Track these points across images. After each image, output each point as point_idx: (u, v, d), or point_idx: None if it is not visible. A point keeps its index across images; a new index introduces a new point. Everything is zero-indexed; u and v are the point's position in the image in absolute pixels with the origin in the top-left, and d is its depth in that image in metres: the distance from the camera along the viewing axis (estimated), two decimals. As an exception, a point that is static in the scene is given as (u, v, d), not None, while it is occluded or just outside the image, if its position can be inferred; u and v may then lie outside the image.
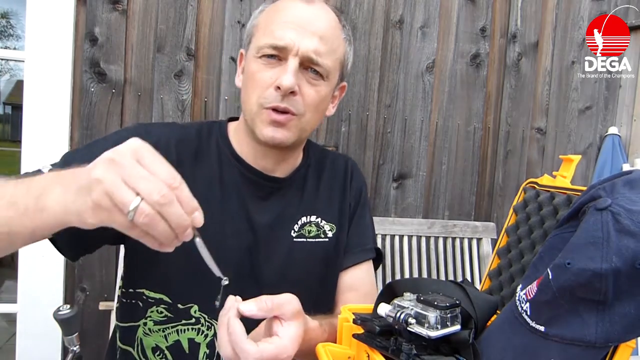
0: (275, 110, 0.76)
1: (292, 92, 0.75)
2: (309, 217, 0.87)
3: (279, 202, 0.85)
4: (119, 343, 0.84)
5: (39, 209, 0.50)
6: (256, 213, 0.82)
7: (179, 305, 0.78)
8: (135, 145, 0.47)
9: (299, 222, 0.86)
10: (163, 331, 0.79)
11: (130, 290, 0.81)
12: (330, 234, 0.88)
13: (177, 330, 0.79)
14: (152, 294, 0.79)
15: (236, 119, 0.90)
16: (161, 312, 0.79)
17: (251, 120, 0.79)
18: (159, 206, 0.43)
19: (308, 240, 0.86)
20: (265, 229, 0.82)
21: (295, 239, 0.85)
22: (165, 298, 0.78)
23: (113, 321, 1.25)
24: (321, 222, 0.88)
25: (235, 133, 0.86)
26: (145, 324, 0.80)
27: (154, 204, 0.43)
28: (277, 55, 0.76)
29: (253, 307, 0.56)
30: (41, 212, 0.50)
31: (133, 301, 0.80)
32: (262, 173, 0.83)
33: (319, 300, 0.87)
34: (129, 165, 0.44)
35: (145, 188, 0.43)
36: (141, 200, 0.43)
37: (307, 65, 0.76)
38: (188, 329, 0.78)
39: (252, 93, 0.78)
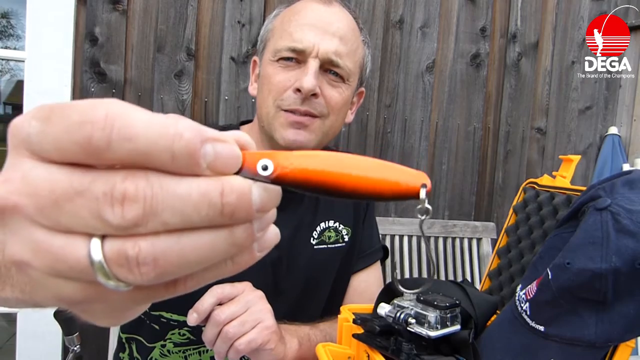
0: (295, 112, 0.72)
1: (314, 95, 0.71)
2: (327, 222, 0.85)
3: (297, 210, 0.82)
4: None
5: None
6: (277, 226, 0.78)
7: (204, 328, 0.75)
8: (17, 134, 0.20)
9: (318, 229, 0.84)
10: (183, 352, 0.76)
11: (146, 310, 0.77)
12: (346, 238, 0.87)
13: (199, 352, 0.77)
14: (174, 317, 0.76)
15: (248, 121, 0.86)
16: (183, 335, 0.76)
17: (268, 124, 0.74)
18: (153, 224, 0.18)
19: (328, 246, 0.84)
20: (287, 241, 0.79)
21: (315, 247, 0.83)
22: None
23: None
24: (339, 226, 0.86)
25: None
26: (163, 345, 0.77)
27: (128, 227, 0.18)
28: (296, 58, 0.72)
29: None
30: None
31: (148, 322, 0.77)
32: None
33: (330, 304, 0.86)
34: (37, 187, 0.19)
35: (83, 213, 0.18)
36: (102, 240, 0.18)
37: (327, 67, 0.73)
38: (210, 349, 0.77)
39: (268, 96, 0.74)
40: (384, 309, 0.58)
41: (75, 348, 0.71)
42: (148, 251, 0.17)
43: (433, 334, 0.53)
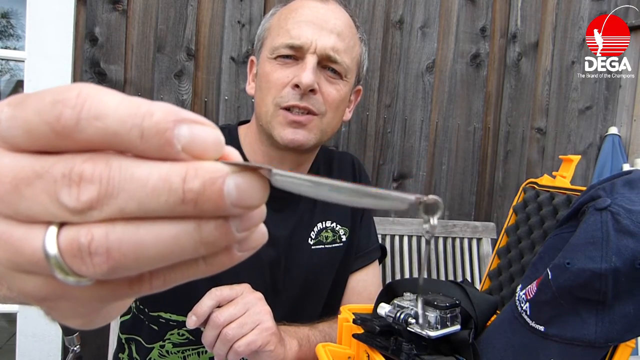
0: (293, 110, 0.72)
1: (312, 91, 0.71)
2: (324, 222, 0.85)
3: (294, 211, 0.82)
4: None
5: None
6: (274, 227, 0.78)
7: (203, 328, 0.75)
8: None
9: (316, 229, 0.84)
10: (182, 353, 0.76)
11: (145, 310, 0.78)
12: (344, 238, 0.87)
13: (198, 353, 0.77)
14: (173, 317, 0.76)
15: (245, 122, 0.86)
16: (182, 335, 0.76)
17: (267, 123, 0.74)
18: (109, 208, 0.17)
19: (325, 246, 0.84)
20: (285, 242, 0.80)
21: (313, 247, 0.83)
22: None
23: (113, 322, 1.25)
24: (336, 226, 0.86)
25: (247, 138, 0.82)
26: (162, 346, 0.77)
27: (83, 210, 0.17)
28: (294, 55, 0.72)
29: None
30: None
31: (146, 322, 0.78)
32: None
33: (329, 304, 0.86)
34: None
35: (43, 197, 0.17)
36: (58, 228, 0.17)
37: (325, 63, 0.73)
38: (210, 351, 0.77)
39: (267, 94, 0.73)
40: (384, 309, 0.58)
41: (75, 348, 0.71)
42: (100, 240, 0.16)
43: (433, 334, 0.53)
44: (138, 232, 0.16)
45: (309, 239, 0.83)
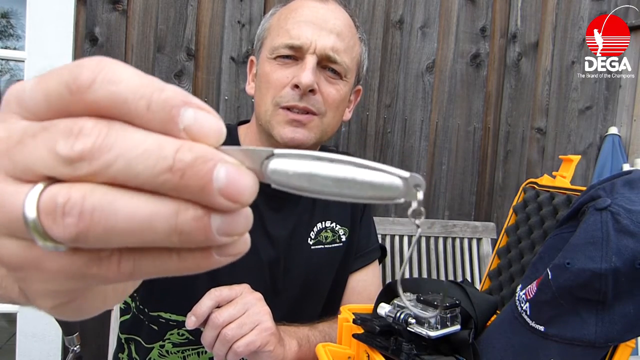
0: (293, 110, 0.71)
1: (312, 91, 0.71)
2: (324, 222, 0.85)
3: (293, 211, 0.82)
4: None
5: None
6: (274, 227, 0.79)
7: (203, 329, 0.75)
8: None
9: (315, 229, 0.84)
10: (182, 352, 0.77)
11: (145, 310, 0.78)
12: (344, 238, 0.87)
13: (198, 353, 0.77)
14: (173, 317, 0.76)
15: (245, 122, 0.86)
16: (182, 335, 0.76)
17: (266, 122, 0.74)
18: (97, 163, 0.17)
19: (325, 246, 0.84)
20: (284, 242, 0.80)
21: (312, 247, 0.83)
22: None
23: (113, 322, 1.25)
24: (336, 226, 0.86)
25: (247, 138, 0.82)
26: (162, 346, 0.77)
27: (74, 160, 0.17)
28: (293, 55, 0.72)
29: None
30: None
31: (146, 322, 0.78)
32: None
33: (329, 304, 0.86)
34: None
35: (41, 147, 0.17)
36: (44, 187, 0.17)
37: (325, 63, 0.73)
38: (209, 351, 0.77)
39: (267, 94, 0.73)
40: (384, 309, 0.58)
41: (75, 348, 0.71)
42: (76, 202, 0.16)
43: (433, 334, 0.53)
44: (114, 202, 0.17)
45: (309, 239, 0.83)
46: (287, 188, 0.19)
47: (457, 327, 0.56)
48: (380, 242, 0.97)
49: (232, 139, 0.82)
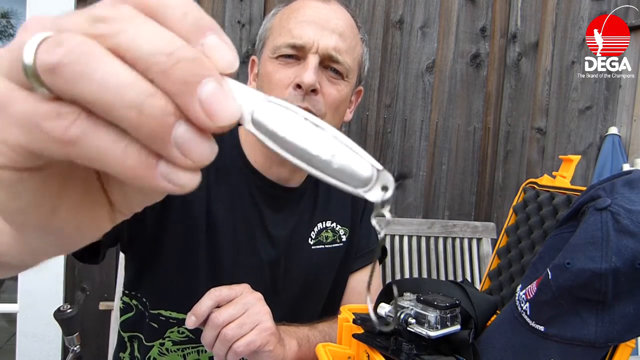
0: None
1: (314, 91, 0.71)
2: (324, 222, 0.85)
3: (294, 211, 0.82)
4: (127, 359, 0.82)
5: None
6: (274, 227, 0.79)
7: (203, 328, 0.75)
8: None
9: (315, 229, 0.84)
10: (182, 351, 0.77)
11: (146, 308, 0.78)
12: (344, 238, 0.87)
13: (198, 351, 0.77)
14: (173, 314, 0.76)
15: None
16: (182, 333, 0.76)
17: None
18: (108, 27, 0.18)
19: (325, 246, 0.84)
20: (285, 242, 0.80)
21: (313, 247, 0.83)
22: None
23: (113, 322, 1.25)
24: (336, 226, 0.86)
25: (247, 138, 0.81)
26: (162, 344, 0.77)
27: (81, 26, 0.19)
28: (295, 54, 0.72)
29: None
30: None
31: (147, 320, 0.78)
32: (278, 184, 0.79)
33: (329, 304, 0.86)
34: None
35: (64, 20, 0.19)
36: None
37: (327, 63, 0.73)
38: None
39: (268, 93, 0.73)
40: (384, 309, 0.58)
41: (75, 348, 0.71)
42: (74, 41, 0.17)
43: (433, 334, 0.53)
44: (103, 58, 0.17)
45: (309, 239, 0.83)
46: (260, 139, 0.20)
47: (457, 327, 0.56)
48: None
49: (232, 139, 0.81)
